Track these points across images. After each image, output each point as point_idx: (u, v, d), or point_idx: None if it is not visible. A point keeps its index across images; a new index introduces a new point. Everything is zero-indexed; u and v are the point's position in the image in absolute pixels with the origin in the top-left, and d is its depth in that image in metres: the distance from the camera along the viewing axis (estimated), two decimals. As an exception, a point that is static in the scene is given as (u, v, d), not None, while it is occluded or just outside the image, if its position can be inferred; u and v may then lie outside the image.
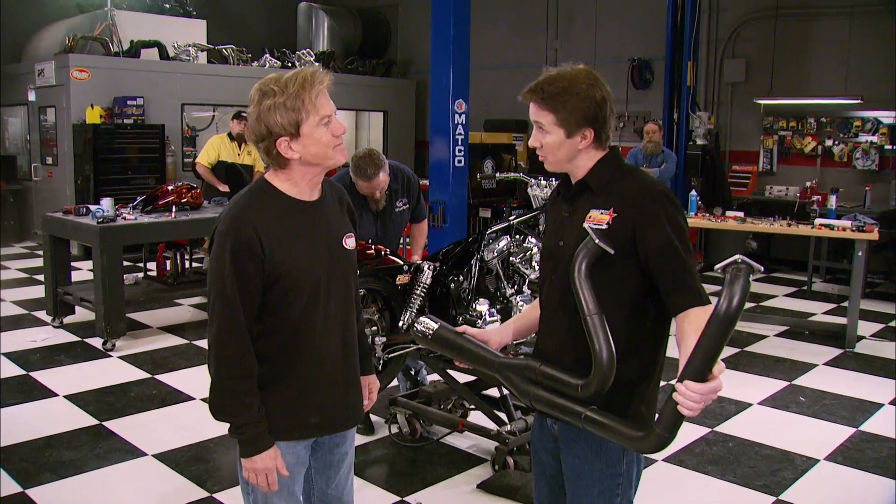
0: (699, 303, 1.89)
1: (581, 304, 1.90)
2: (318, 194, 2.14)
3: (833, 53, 9.54)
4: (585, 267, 1.91)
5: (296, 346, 2.08)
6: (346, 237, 2.18)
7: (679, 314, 1.91)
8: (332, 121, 2.02)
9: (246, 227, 1.97)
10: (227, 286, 1.95)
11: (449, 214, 7.36)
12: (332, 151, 2.04)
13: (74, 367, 5.65)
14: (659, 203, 1.93)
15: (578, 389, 1.92)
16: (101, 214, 5.98)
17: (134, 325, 6.68)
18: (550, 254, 2.12)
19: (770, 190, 9.98)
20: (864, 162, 9.45)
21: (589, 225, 1.95)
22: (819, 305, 7.95)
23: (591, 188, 2.04)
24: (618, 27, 11.34)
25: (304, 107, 1.96)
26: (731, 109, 10.63)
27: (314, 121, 1.98)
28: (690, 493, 3.86)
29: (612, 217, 1.95)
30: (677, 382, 1.70)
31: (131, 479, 3.92)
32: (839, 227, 6.50)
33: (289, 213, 2.06)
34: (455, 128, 7.25)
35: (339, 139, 2.05)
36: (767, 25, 10.02)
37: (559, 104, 1.97)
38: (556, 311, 2.09)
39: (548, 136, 2.02)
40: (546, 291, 2.14)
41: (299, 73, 1.99)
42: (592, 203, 2.02)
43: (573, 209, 2.07)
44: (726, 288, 1.64)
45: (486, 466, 4.03)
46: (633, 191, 1.98)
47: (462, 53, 7.17)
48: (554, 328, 2.10)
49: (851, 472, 4.11)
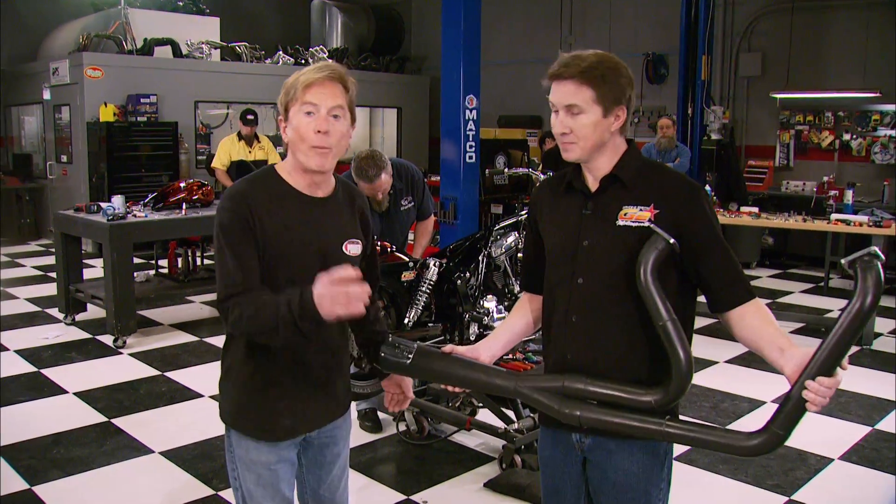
0: (751, 296, 1.90)
1: (655, 309, 1.79)
2: (324, 194, 2.07)
3: (850, 47, 9.42)
4: (654, 270, 1.80)
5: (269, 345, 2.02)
6: (348, 242, 2.08)
7: (732, 309, 1.89)
8: (319, 114, 1.94)
9: (240, 199, 1.96)
10: (223, 248, 1.94)
11: (460, 211, 7.31)
12: (308, 149, 1.96)
13: (85, 364, 5.66)
14: (700, 197, 1.91)
15: (653, 402, 1.81)
16: (111, 212, 5.99)
17: (145, 322, 6.69)
18: (569, 255, 1.96)
19: (787, 185, 9.88)
20: (882, 156, 9.32)
21: (653, 225, 1.83)
22: (836, 302, 7.84)
23: (622, 182, 1.92)
24: (632, 21, 11.25)
25: (296, 90, 1.95)
26: (746, 104, 10.52)
27: (298, 105, 1.95)
28: (701, 492, 3.80)
29: (653, 213, 1.86)
30: (808, 380, 1.68)
31: (138, 477, 3.92)
32: (856, 223, 6.41)
33: (287, 200, 2.01)
34: (466, 123, 7.20)
35: (321, 139, 1.94)
36: (783, 19, 9.90)
37: (599, 79, 1.84)
38: (586, 319, 1.94)
39: (582, 117, 1.86)
40: (564, 297, 1.97)
41: (320, 63, 2.00)
42: (623, 198, 1.91)
43: (596, 206, 1.94)
44: (860, 283, 1.62)
45: (493, 465, 3.99)
46: (671, 185, 1.92)
47: (473, 48, 7.12)
48: (586, 338, 1.95)
49: (866, 472, 4.03)
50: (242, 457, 2.11)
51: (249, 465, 2.11)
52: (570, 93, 1.86)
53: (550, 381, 1.93)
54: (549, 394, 1.91)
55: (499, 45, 12.14)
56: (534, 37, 12.36)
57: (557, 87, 1.89)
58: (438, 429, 4.39)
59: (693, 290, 1.97)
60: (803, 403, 1.70)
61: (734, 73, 10.55)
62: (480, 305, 4.20)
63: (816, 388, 1.66)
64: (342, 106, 1.97)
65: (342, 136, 1.98)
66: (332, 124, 1.95)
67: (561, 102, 1.88)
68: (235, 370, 2.10)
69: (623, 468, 1.98)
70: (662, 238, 1.80)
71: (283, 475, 2.13)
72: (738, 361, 5.70)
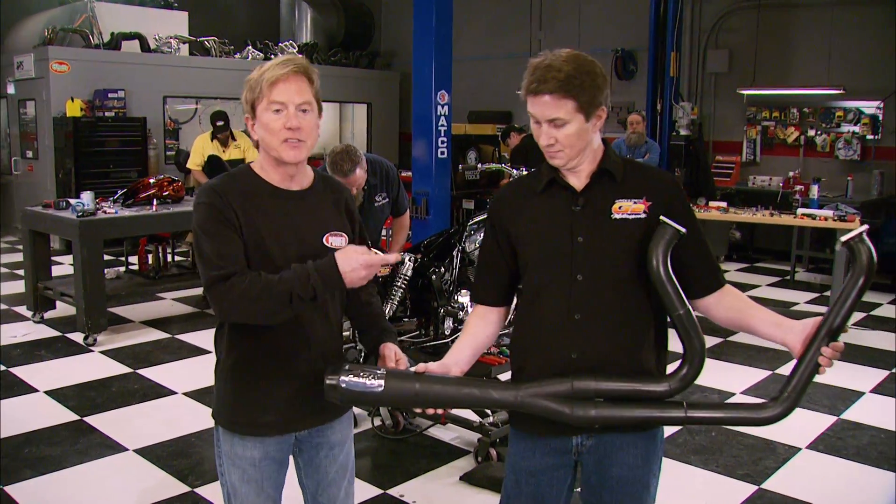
0: (725, 281, 2.01)
1: (671, 299, 1.85)
2: (300, 187, 2.07)
3: (815, 44, 9.59)
4: (667, 260, 1.84)
5: (254, 337, 2.02)
6: (330, 234, 2.06)
7: (710, 294, 1.99)
8: (288, 111, 1.93)
9: (216, 193, 1.97)
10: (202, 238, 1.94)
11: (432, 206, 7.34)
12: (280, 144, 1.95)
13: (55, 362, 5.60)
14: (681, 191, 2.00)
15: (668, 390, 1.86)
16: (81, 208, 5.92)
17: (115, 319, 6.63)
18: (563, 254, 1.94)
19: (753, 180, 10.03)
20: (846, 152, 9.50)
21: (664, 217, 1.87)
22: (802, 295, 7.99)
23: (612, 176, 1.95)
24: (602, 18, 11.34)
25: (261, 87, 1.94)
26: (714, 100, 10.66)
27: (265, 103, 1.95)
28: (674, 482, 3.86)
29: (647, 206, 1.92)
30: (824, 347, 1.80)
31: (112, 475, 3.89)
32: (821, 217, 6.54)
33: (261, 195, 2.01)
34: (437, 119, 7.22)
35: (292, 133, 1.94)
36: (750, 16, 10.05)
37: (578, 88, 1.84)
38: (591, 316, 1.93)
39: (566, 127, 1.87)
40: (561, 296, 1.94)
41: (282, 57, 1.99)
42: (614, 192, 1.94)
43: (588, 201, 1.95)
44: (858, 258, 1.78)
45: (469, 458, 4.03)
46: (659, 179, 2.00)
47: (444, 44, 7.14)
48: (593, 335, 1.93)
49: (832, 461, 4.13)
50: (228, 452, 2.11)
51: (234, 460, 2.10)
52: (552, 107, 1.86)
53: (556, 385, 1.86)
54: (557, 399, 1.86)
55: (468, 41, 12.15)
56: (503, 32, 12.41)
57: (536, 101, 1.88)
58: (413, 423, 4.42)
59: None
60: (817, 367, 1.82)
61: (702, 70, 10.68)
62: (455, 300, 4.22)
63: (831, 353, 1.79)
64: (309, 101, 1.97)
65: (312, 129, 1.99)
66: (302, 119, 1.96)
67: (543, 117, 1.88)
68: (221, 364, 2.11)
69: (627, 462, 2.01)
70: (673, 228, 1.85)
71: (267, 473, 2.11)
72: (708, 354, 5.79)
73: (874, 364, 5.70)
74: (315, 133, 2.01)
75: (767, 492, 3.76)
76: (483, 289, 2.13)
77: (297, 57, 2.01)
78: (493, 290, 2.10)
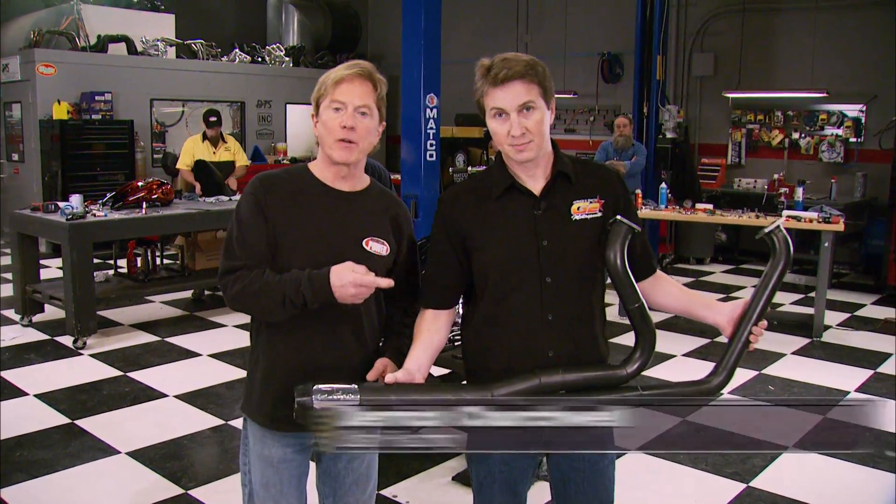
0: (657, 267, 2.19)
1: (629, 293, 1.96)
2: (351, 189, 2.11)
3: (799, 48, 9.69)
4: (623, 257, 1.95)
5: (276, 331, 2.08)
6: (370, 239, 2.07)
7: (649, 276, 2.14)
8: (346, 110, 2.00)
9: (260, 184, 2.06)
10: (232, 225, 2.05)
11: (421, 208, 7.36)
12: (333, 142, 2.01)
13: (45, 365, 5.59)
14: (626, 187, 2.12)
15: (627, 375, 1.96)
16: (70, 211, 5.91)
17: (105, 322, 6.61)
18: (528, 257, 1.97)
19: (738, 182, 10.12)
20: (829, 154, 9.60)
21: (619, 216, 1.96)
22: (787, 296, 8.08)
23: (568, 177, 2.01)
24: (588, 21, 11.41)
25: (326, 86, 2.02)
26: (699, 103, 10.75)
27: (328, 101, 2.02)
28: (663, 481, 3.92)
29: (601, 204, 2.01)
30: (754, 326, 1.99)
31: (105, 478, 3.90)
32: (806, 219, 6.61)
33: (309, 190, 2.07)
34: (427, 122, 7.24)
35: (345, 132, 2.00)
36: (735, 20, 10.14)
37: (541, 75, 1.93)
38: (563, 315, 1.99)
39: (535, 114, 1.92)
40: (532, 298, 1.98)
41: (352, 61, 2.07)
42: (570, 193, 2.01)
43: (549, 204, 1.99)
44: (778, 248, 1.99)
45: (461, 458, 4.05)
46: (606, 176, 2.10)
47: (433, 47, 7.16)
48: (565, 333, 2.00)
49: (818, 458, 4.20)
50: (252, 448, 2.16)
51: (257, 459, 2.14)
52: (523, 92, 1.90)
53: (525, 382, 1.90)
54: (527, 396, 1.89)
55: (455, 44, 12.18)
56: (490, 36, 12.44)
57: (506, 89, 1.91)
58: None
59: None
60: (748, 344, 2.00)
61: (687, 73, 10.77)
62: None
63: (759, 331, 1.99)
64: (369, 104, 2.02)
65: (368, 132, 2.04)
66: (359, 121, 2.01)
67: (514, 103, 1.91)
68: (250, 356, 2.18)
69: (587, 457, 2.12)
70: (628, 226, 1.94)
71: (288, 477, 2.14)
72: (695, 354, 5.87)
73: (858, 364, 5.78)
74: (370, 138, 2.05)
75: (756, 489, 3.82)
76: (434, 292, 2.12)
77: (366, 63, 2.07)
78: (445, 292, 2.11)
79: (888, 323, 6.97)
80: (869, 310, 7.51)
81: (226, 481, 3.80)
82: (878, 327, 6.85)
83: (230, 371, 5.44)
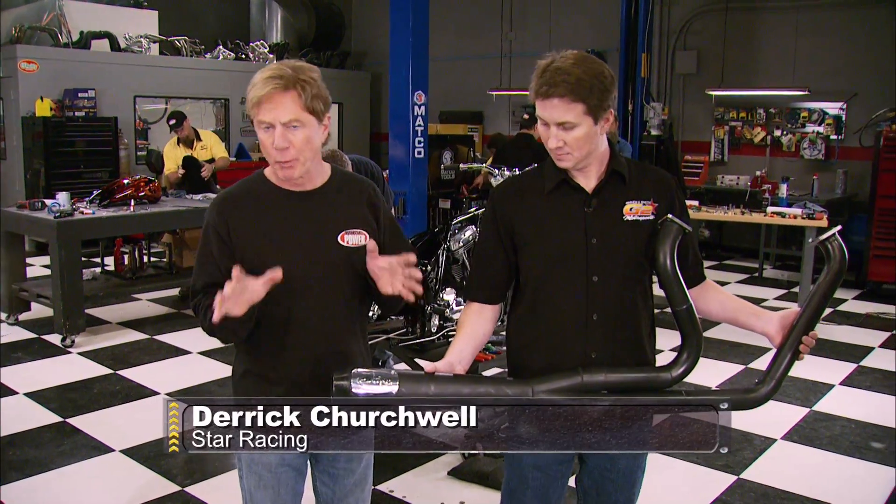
0: (705, 274, 2.16)
1: (677, 295, 1.94)
2: (312, 186, 2.05)
3: (780, 46, 9.80)
4: (674, 257, 1.94)
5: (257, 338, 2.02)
6: (346, 232, 2.02)
7: (699, 283, 2.11)
8: (276, 130, 1.89)
9: (216, 204, 2.04)
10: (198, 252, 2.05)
11: (409, 205, 7.40)
12: (272, 163, 1.95)
13: (33, 364, 5.55)
14: (679, 190, 2.08)
15: (672, 379, 1.95)
16: (57, 209, 5.87)
17: (92, 320, 6.57)
18: (577, 255, 1.97)
19: (722, 179, 10.21)
20: (810, 151, 9.72)
21: (671, 216, 1.94)
22: (770, 291, 8.18)
23: (622, 177, 2.00)
24: (572, 19, 11.45)
25: (251, 104, 1.92)
26: (683, 100, 10.83)
27: (257, 121, 1.93)
28: (654, 474, 3.94)
29: (654, 208, 1.99)
30: (805, 336, 1.98)
31: (100, 475, 3.90)
32: (790, 215, 6.71)
33: (268, 197, 2.02)
34: (415, 119, 7.28)
35: (280, 153, 1.90)
36: (717, 18, 10.23)
37: (587, 91, 1.86)
38: (607, 315, 1.99)
39: (576, 130, 1.89)
40: (578, 296, 1.98)
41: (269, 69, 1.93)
42: (623, 194, 1.99)
43: (600, 202, 1.98)
44: (835, 253, 1.96)
45: (456, 453, 4.08)
46: (661, 179, 2.06)
47: (421, 45, 7.21)
48: (609, 333, 2.00)
49: (807, 450, 4.28)
50: (246, 456, 2.09)
51: (251, 464, 2.09)
52: (562, 111, 1.87)
53: (567, 380, 1.89)
54: (569, 393, 1.88)
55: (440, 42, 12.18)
56: (474, 33, 12.48)
57: (546, 104, 1.89)
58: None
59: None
60: (797, 354, 1.99)
61: (671, 71, 10.85)
62: (441, 298, 4.28)
63: (809, 342, 1.98)
64: (297, 118, 1.90)
65: (306, 143, 1.93)
66: (291, 135, 1.91)
67: (553, 120, 1.89)
68: (234, 365, 2.16)
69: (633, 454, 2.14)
70: (678, 226, 1.93)
71: (285, 480, 2.09)
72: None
73: (843, 358, 5.88)
74: (309, 146, 1.94)
75: (747, 481, 3.88)
76: (481, 286, 2.10)
77: (284, 69, 1.91)
78: (491, 286, 2.09)
79: (870, 317, 7.08)
80: (851, 304, 7.63)
81: (223, 477, 3.80)
82: (860, 321, 6.96)
83: (221, 368, 5.44)
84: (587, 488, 2.17)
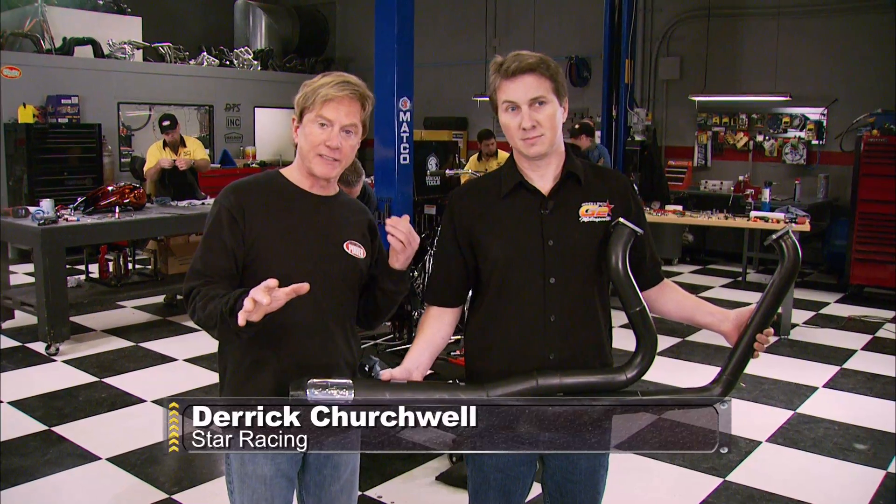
0: (663, 275, 2.17)
1: (630, 297, 1.94)
2: (328, 193, 2.11)
3: (762, 52, 9.90)
4: (626, 260, 1.94)
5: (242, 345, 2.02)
6: (349, 243, 2.08)
7: (657, 284, 2.13)
8: (333, 129, 1.98)
9: (234, 192, 2.03)
10: (203, 238, 2.02)
11: (395, 211, 7.39)
12: (314, 156, 2.00)
13: (17, 372, 5.51)
14: (636, 192, 2.11)
15: (626, 380, 1.94)
16: (41, 216, 5.85)
17: (77, 328, 6.53)
18: (534, 257, 1.97)
19: (705, 184, 10.30)
20: (792, 157, 9.82)
21: (622, 219, 1.95)
22: (754, 295, 8.23)
23: (578, 179, 2.01)
24: (556, 25, 11.52)
25: (315, 98, 1.98)
26: (666, 106, 10.91)
27: (313, 115, 1.99)
28: (641, 478, 3.99)
29: (610, 209, 2.00)
30: (759, 334, 1.97)
31: (88, 484, 3.88)
32: (773, 220, 6.77)
33: (286, 196, 2.05)
34: (400, 125, 7.28)
35: (330, 151, 1.99)
36: (700, 25, 10.32)
37: (554, 69, 1.93)
38: (564, 317, 1.99)
39: (546, 108, 1.92)
40: (535, 298, 1.98)
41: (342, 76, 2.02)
42: (579, 196, 2.00)
43: (556, 204, 1.99)
44: (789, 251, 1.97)
45: (443, 459, 4.09)
46: (616, 181, 2.08)
47: (406, 51, 7.21)
48: (567, 335, 2.00)
49: (791, 452, 4.32)
50: (238, 470, 2.08)
51: (245, 479, 2.06)
52: (534, 85, 1.91)
53: (522, 383, 1.90)
54: (523, 397, 1.89)
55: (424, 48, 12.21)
56: (459, 39, 12.53)
57: (517, 82, 1.91)
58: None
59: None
60: (751, 352, 1.99)
61: (654, 77, 10.93)
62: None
63: (764, 339, 1.98)
64: (356, 124, 2.01)
65: (351, 150, 2.03)
66: (344, 139, 2.00)
67: (526, 96, 1.91)
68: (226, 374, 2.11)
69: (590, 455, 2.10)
70: (631, 229, 1.94)
71: (279, 492, 2.07)
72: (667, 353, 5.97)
73: (825, 360, 5.93)
74: (352, 155, 2.04)
75: (732, 483, 3.91)
76: (439, 289, 2.11)
77: (358, 81, 2.03)
78: (450, 290, 2.10)
79: (852, 320, 7.16)
80: (833, 308, 7.70)
81: (211, 485, 3.80)
82: (842, 325, 7.03)
83: (207, 376, 5.42)
84: (550, 490, 2.18)
